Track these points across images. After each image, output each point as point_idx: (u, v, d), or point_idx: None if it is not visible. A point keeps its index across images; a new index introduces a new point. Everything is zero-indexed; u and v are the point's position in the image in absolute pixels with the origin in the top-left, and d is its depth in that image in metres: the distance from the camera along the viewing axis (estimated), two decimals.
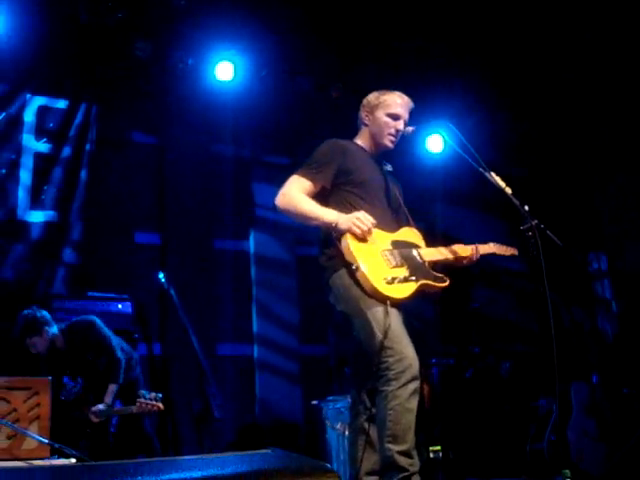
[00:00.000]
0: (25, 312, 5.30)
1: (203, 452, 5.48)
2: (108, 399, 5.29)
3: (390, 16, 6.59)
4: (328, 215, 3.41)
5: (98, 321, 5.47)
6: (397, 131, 3.69)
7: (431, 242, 3.76)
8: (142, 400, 5.12)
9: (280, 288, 7.58)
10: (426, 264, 3.54)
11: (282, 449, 1.93)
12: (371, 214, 3.44)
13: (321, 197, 3.55)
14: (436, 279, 3.52)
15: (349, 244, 3.32)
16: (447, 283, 3.54)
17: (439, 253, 3.66)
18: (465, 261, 3.71)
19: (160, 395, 5.17)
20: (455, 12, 6.58)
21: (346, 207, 3.49)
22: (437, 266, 3.66)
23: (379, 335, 3.21)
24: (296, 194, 3.47)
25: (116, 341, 5.51)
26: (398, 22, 6.67)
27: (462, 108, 7.26)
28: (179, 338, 5.84)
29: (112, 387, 5.34)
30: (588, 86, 7.36)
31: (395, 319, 3.28)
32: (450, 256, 3.66)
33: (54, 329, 5.37)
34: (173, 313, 5.72)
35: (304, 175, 3.52)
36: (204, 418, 5.91)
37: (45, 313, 5.38)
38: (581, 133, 7.92)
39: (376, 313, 3.27)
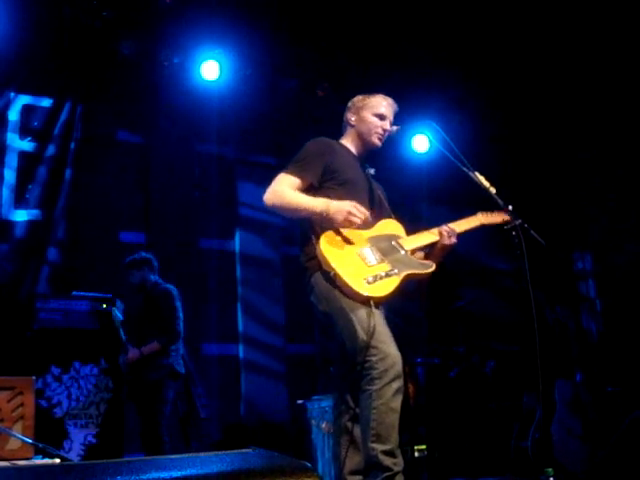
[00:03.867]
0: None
1: (189, 452, 5.46)
2: (145, 350, 5.52)
3: (375, 17, 6.60)
4: (317, 205, 3.37)
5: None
6: (384, 130, 3.72)
7: None
8: None
9: (266, 287, 7.57)
10: (408, 253, 3.52)
11: (264, 448, 1.93)
12: None
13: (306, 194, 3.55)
14: (421, 266, 3.50)
15: (323, 251, 3.30)
16: (433, 268, 3.50)
17: (420, 238, 3.64)
18: (442, 242, 3.62)
19: None
20: (439, 14, 6.61)
21: None
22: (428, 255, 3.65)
23: (362, 335, 3.19)
24: (284, 189, 3.45)
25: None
26: (383, 23, 6.69)
27: (448, 108, 7.28)
28: None
29: (155, 345, 5.54)
30: (577, 84, 7.39)
31: (378, 319, 3.26)
32: (433, 238, 3.63)
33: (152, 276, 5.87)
34: None
35: (292, 173, 3.51)
36: (190, 418, 5.91)
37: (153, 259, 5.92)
38: (569, 131, 7.95)
39: (359, 313, 3.25)
